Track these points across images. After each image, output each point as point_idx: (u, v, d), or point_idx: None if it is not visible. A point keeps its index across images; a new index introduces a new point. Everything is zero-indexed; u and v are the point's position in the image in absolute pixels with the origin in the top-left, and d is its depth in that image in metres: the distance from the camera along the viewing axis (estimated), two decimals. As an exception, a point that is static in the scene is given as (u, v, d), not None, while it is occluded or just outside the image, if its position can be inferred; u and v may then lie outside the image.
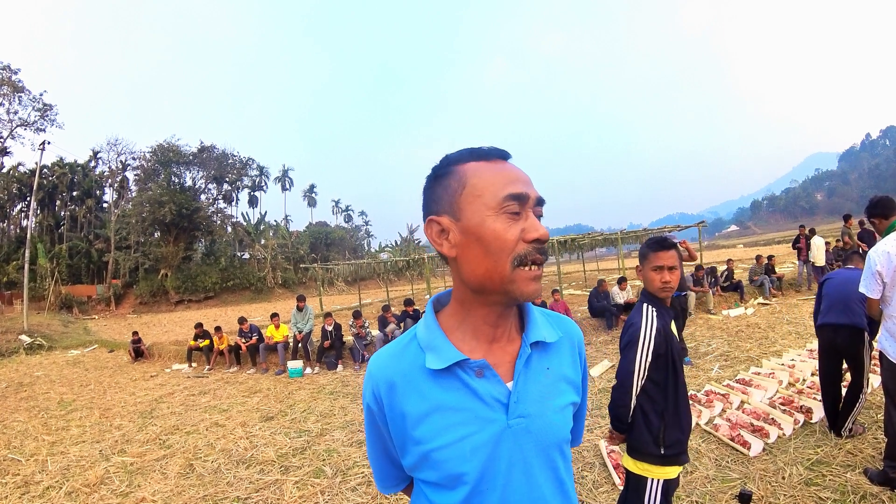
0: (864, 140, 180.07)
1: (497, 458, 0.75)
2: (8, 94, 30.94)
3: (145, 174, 39.44)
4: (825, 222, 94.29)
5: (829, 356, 3.59)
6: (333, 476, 3.74)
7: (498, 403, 0.76)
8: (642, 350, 1.81)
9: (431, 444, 0.75)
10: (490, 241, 0.72)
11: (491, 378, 0.76)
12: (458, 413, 0.75)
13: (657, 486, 1.86)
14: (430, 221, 0.77)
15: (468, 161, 0.76)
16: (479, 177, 0.74)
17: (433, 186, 0.79)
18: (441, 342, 0.78)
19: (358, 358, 8.13)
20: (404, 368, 0.79)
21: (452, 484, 0.76)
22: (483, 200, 0.73)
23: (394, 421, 0.79)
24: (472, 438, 0.74)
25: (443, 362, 0.75)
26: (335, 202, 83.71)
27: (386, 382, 0.79)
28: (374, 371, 0.82)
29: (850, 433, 3.47)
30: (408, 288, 27.43)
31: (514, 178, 0.75)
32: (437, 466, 0.76)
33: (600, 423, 4.20)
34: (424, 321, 0.83)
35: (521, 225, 0.73)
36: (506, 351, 0.80)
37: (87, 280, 40.23)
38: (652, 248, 1.92)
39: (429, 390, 0.77)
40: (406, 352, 0.81)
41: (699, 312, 9.42)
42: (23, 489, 4.01)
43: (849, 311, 3.39)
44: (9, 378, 10.23)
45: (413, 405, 0.77)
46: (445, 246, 0.76)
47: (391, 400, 0.79)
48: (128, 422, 5.86)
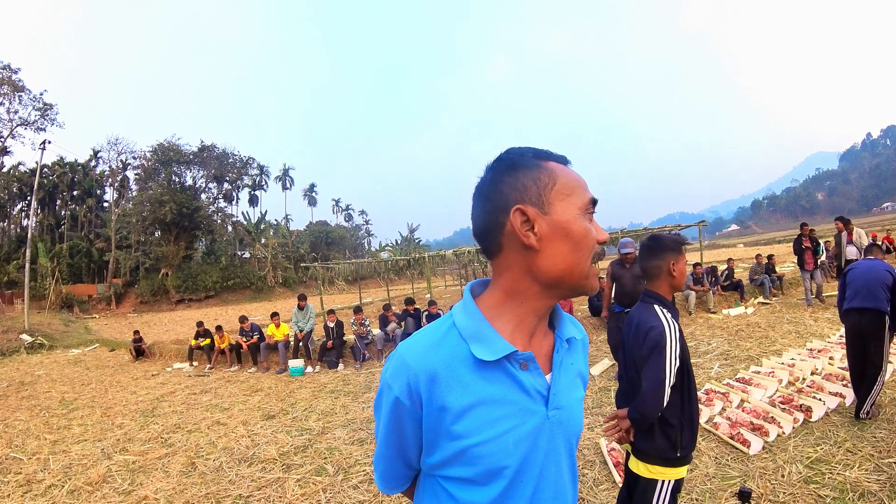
0: (865, 139, 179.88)
1: (535, 450, 0.77)
2: (8, 94, 30.97)
3: (146, 173, 39.43)
4: (826, 222, 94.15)
5: (855, 340, 3.86)
6: (335, 474, 3.75)
7: (539, 395, 0.77)
8: (670, 356, 1.74)
9: (473, 440, 0.73)
10: (580, 238, 0.76)
11: (534, 370, 0.78)
12: (503, 406, 0.75)
13: (668, 488, 1.85)
14: (517, 210, 0.75)
15: (549, 160, 0.79)
16: (567, 177, 0.78)
17: (515, 175, 0.77)
18: (489, 332, 0.76)
19: (359, 357, 8.14)
20: (447, 359, 0.75)
21: (488, 479, 0.75)
22: (573, 200, 0.76)
23: (431, 416, 0.75)
24: (515, 431, 0.75)
25: (494, 354, 0.74)
26: (335, 201, 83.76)
27: (427, 374, 0.74)
28: (412, 361, 0.75)
29: (867, 415, 3.69)
30: (408, 287, 27.42)
31: (586, 183, 0.80)
32: (476, 462, 0.74)
33: (600, 421, 4.21)
34: (465, 310, 0.80)
35: (593, 227, 0.78)
36: (542, 344, 0.83)
37: (87, 279, 40.25)
38: (680, 246, 1.90)
39: (473, 382, 0.74)
40: (445, 341, 0.77)
41: (699, 311, 9.44)
42: (25, 488, 4.03)
43: (873, 296, 3.70)
44: (10, 377, 10.25)
45: (455, 398, 0.73)
46: (532, 237, 0.75)
47: (431, 393, 0.74)
48: (129, 420, 5.88)
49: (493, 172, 0.79)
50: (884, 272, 3.76)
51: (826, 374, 4.96)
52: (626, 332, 2.01)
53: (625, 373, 2.03)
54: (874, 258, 4.01)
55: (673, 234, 1.98)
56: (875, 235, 15.96)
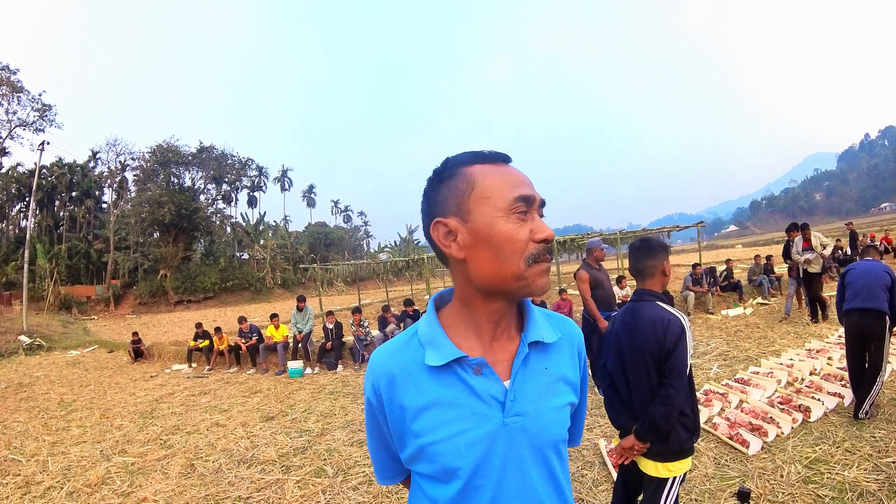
0: (863, 140, 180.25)
1: (491, 455, 0.76)
2: (7, 95, 30.96)
3: (144, 174, 39.40)
4: (824, 222, 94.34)
5: (854, 340, 3.87)
6: (335, 475, 3.75)
7: (494, 401, 0.76)
8: (688, 347, 1.85)
9: (428, 438, 0.76)
10: (502, 242, 0.73)
11: (489, 376, 0.77)
12: (455, 409, 0.76)
13: (677, 482, 1.89)
14: (436, 223, 0.77)
15: (472, 164, 0.77)
16: (486, 179, 0.75)
17: (437, 188, 0.79)
18: (441, 339, 0.79)
19: (358, 358, 8.14)
20: (404, 363, 0.80)
21: (446, 478, 0.77)
22: (492, 202, 0.74)
23: (392, 414, 0.81)
24: (467, 434, 0.75)
25: (441, 359, 0.76)
26: (334, 202, 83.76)
27: (386, 376, 0.80)
28: (376, 365, 0.83)
29: (866, 415, 3.70)
30: (407, 288, 27.43)
31: (520, 180, 0.77)
32: (433, 459, 0.77)
33: (600, 422, 4.21)
34: (426, 318, 0.84)
35: (529, 226, 0.75)
36: (505, 349, 0.81)
37: (86, 280, 40.18)
38: (667, 248, 2.03)
39: (427, 385, 0.78)
40: (407, 348, 0.82)
41: (698, 312, 9.45)
42: (24, 489, 4.01)
43: (873, 296, 3.74)
44: (8, 378, 10.23)
45: (411, 399, 0.78)
46: (453, 248, 0.76)
47: (391, 393, 0.80)
48: (128, 422, 5.87)
49: (426, 186, 0.81)
50: (882, 273, 3.78)
51: (825, 374, 4.97)
52: (629, 332, 1.97)
53: (628, 376, 1.98)
54: (872, 259, 4.02)
55: (657, 237, 2.08)
56: (873, 236, 16.01)
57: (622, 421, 2.01)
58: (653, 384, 1.89)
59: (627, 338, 1.97)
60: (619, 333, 2.03)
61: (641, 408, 1.92)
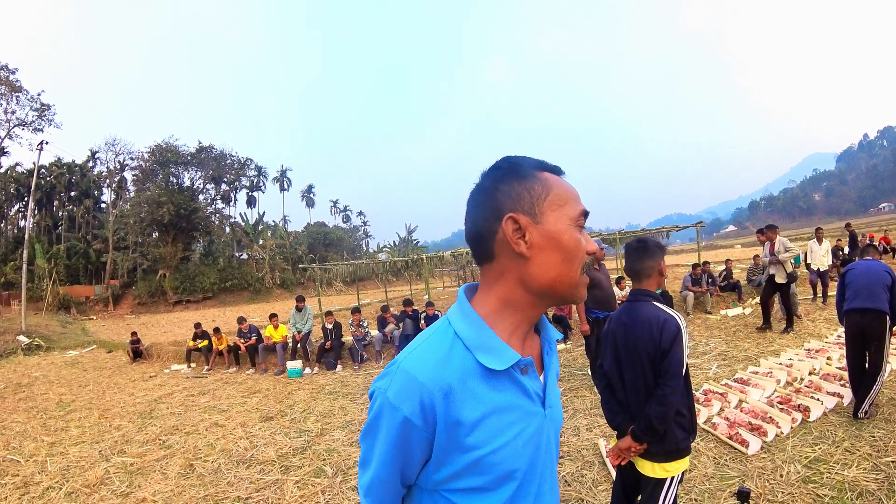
0: (862, 140, 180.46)
1: (539, 449, 0.81)
2: (5, 94, 30.87)
3: (143, 174, 39.37)
4: (823, 222, 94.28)
5: (855, 341, 3.88)
6: (334, 475, 3.75)
7: (538, 397, 0.81)
8: (685, 347, 1.85)
9: (487, 449, 0.73)
10: (571, 248, 0.77)
11: (532, 374, 0.81)
12: (511, 413, 0.77)
13: (675, 482, 1.90)
14: (509, 218, 0.75)
15: (543, 170, 0.80)
16: (560, 188, 0.79)
17: (510, 184, 0.78)
18: (495, 343, 0.76)
19: (357, 358, 8.13)
20: (458, 372, 0.73)
21: (499, 484, 0.76)
22: (566, 211, 0.78)
23: (444, 432, 0.73)
24: (523, 434, 0.78)
25: (503, 363, 0.74)
26: (333, 202, 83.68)
27: (441, 390, 0.72)
28: (424, 378, 0.72)
29: (865, 415, 3.70)
30: (406, 288, 27.42)
31: (579, 196, 0.82)
32: (489, 470, 0.74)
33: (599, 421, 4.21)
34: (465, 320, 0.79)
35: (583, 238, 0.79)
36: (532, 347, 0.86)
37: (85, 280, 40.11)
38: (663, 248, 2.05)
39: (484, 393, 0.74)
40: (452, 354, 0.75)
41: (697, 312, 9.46)
42: (22, 490, 4.01)
43: (873, 296, 3.75)
44: (7, 379, 10.21)
45: (469, 411, 0.73)
46: (522, 245, 0.76)
47: (448, 408, 0.72)
48: (127, 422, 5.86)
49: (489, 179, 0.80)
50: (883, 272, 3.79)
51: (824, 374, 4.97)
52: (625, 332, 1.96)
53: (624, 376, 1.97)
54: (871, 259, 4.03)
55: (653, 238, 2.11)
56: (872, 236, 16.03)
57: (619, 421, 2.00)
58: (649, 384, 1.88)
59: (624, 338, 1.97)
60: (615, 333, 2.02)
61: (637, 408, 1.91)
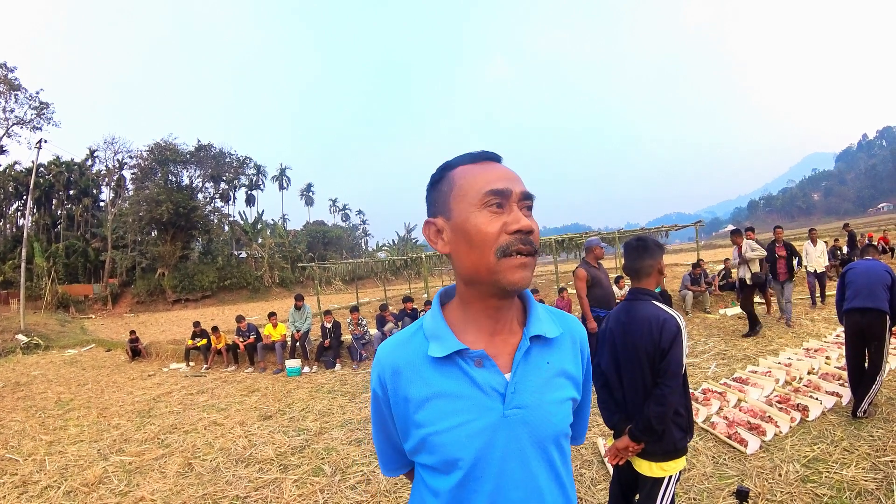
0: (861, 140, 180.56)
1: (492, 447, 0.78)
2: (4, 93, 30.84)
3: (142, 173, 39.26)
4: (822, 222, 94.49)
5: (855, 340, 3.87)
6: (333, 474, 3.74)
7: (496, 393, 0.78)
8: (684, 347, 1.84)
9: (430, 429, 0.79)
10: (473, 234, 0.77)
11: (490, 368, 0.79)
12: (457, 400, 0.78)
13: (673, 481, 1.89)
14: (426, 223, 0.85)
15: (459, 165, 0.83)
16: (465, 178, 0.80)
17: (431, 192, 0.86)
18: (444, 332, 0.82)
19: (356, 357, 8.13)
20: (409, 355, 0.83)
21: (448, 469, 0.79)
22: (468, 198, 0.78)
23: (397, 405, 0.84)
24: (469, 425, 0.77)
25: (444, 350, 0.79)
26: (332, 201, 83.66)
27: (391, 368, 0.84)
28: (382, 357, 0.86)
29: (864, 414, 3.70)
30: (405, 287, 27.41)
31: (498, 175, 0.79)
32: (435, 450, 0.79)
33: (598, 420, 4.21)
34: (431, 312, 0.87)
35: (504, 218, 0.77)
36: (507, 343, 0.83)
37: (83, 279, 40.02)
38: (662, 247, 2.03)
39: (431, 377, 0.80)
40: (412, 340, 0.85)
41: (696, 311, 9.46)
42: (21, 489, 4.00)
43: (873, 296, 3.74)
44: (6, 377, 10.20)
45: (415, 390, 0.81)
46: (440, 244, 0.83)
47: (395, 385, 0.83)
48: (126, 421, 5.85)
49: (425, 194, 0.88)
50: (883, 272, 3.79)
51: (823, 373, 4.98)
52: (623, 331, 1.95)
53: (622, 375, 1.97)
54: (871, 258, 4.03)
55: (652, 236, 2.10)
56: (871, 236, 16.05)
57: (616, 420, 2.00)
58: (647, 383, 1.88)
59: (622, 336, 1.96)
60: (613, 332, 2.01)
61: (635, 407, 1.90)
